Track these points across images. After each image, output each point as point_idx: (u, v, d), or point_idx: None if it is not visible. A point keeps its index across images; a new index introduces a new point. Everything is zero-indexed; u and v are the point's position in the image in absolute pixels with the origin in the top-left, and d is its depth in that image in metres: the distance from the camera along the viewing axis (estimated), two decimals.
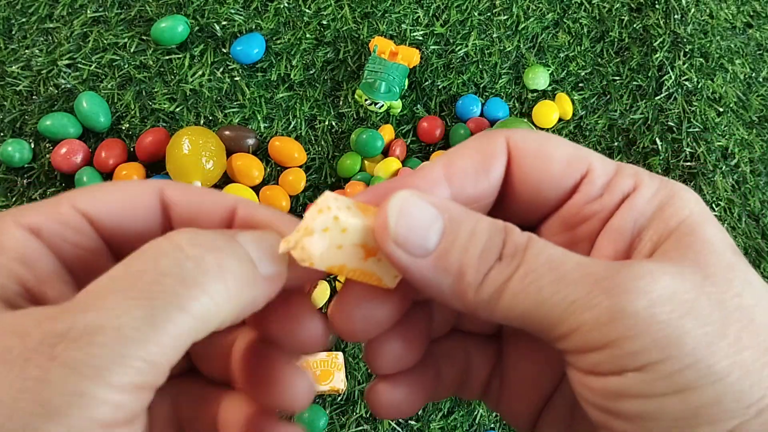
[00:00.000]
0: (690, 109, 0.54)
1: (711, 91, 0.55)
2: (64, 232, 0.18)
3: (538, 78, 0.53)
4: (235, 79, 0.52)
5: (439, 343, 0.23)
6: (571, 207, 0.20)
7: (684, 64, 0.55)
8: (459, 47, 0.54)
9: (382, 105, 0.50)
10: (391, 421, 0.45)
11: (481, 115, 0.52)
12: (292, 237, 0.18)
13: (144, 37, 0.52)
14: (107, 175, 0.48)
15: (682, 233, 0.18)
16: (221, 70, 0.52)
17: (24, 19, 0.52)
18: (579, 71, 0.55)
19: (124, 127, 0.50)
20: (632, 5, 0.57)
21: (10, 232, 0.17)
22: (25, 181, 0.49)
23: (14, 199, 0.48)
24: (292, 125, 0.51)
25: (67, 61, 0.51)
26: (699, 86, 0.55)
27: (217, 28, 0.53)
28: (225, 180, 0.49)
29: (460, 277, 0.18)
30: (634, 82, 0.55)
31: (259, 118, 0.51)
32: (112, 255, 0.19)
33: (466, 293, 0.18)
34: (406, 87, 0.52)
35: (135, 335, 0.15)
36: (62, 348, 0.14)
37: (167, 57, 0.52)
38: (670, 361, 0.16)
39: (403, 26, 0.54)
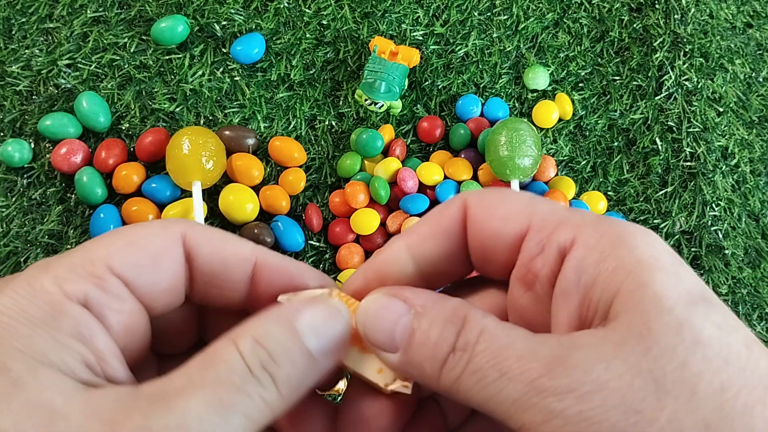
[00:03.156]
0: (690, 109, 0.54)
1: (711, 91, 0.55)
2: (108, 302, 0.19)
3: (538, 78, 0.53)
4: (235, 79, 0.52)
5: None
6: (520, 266, 0.20)
7: (684, 64, 0.55)
8: (459, 47, 0.54)
9: (382, 105, 0.50)
10: None
11: (481, 115, 0.52)
12: None
13: (144, 37, 0.52)
14: (107, 175, 0.48)
15: (629, 290, 0.17)
16: (221, 70, 0.52)
17: (24, 19, 0.52)
18: (579, 71, 0.55)
19: (124, 127, 0.50)
20: (632, 5, 0.57)
21: (65, 307, 0.17)
22: (25, 181, 0.49)
23: (14, 199, 0.48)
24: (292, 125, 0.51)
25: (67, 61, 0.51)
26: (699, 86, 0.55)
27: (217, 28, 0.53)
28: (225, 180, 0.49)
29: (422, 370, 0.19)
30: (634, 82, 0.55)
31: (259, 118, 0.51)
32: (145, 311, 0.20)
33: (431, 384, 0.19)
34: (406, 87, 0.52)
35: None
36: None
37: (167, 57, 0.52)
38: None
39: (403, 26, 0.54)
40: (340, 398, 0.45)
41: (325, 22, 0.54)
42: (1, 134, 0.49)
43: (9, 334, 0.16)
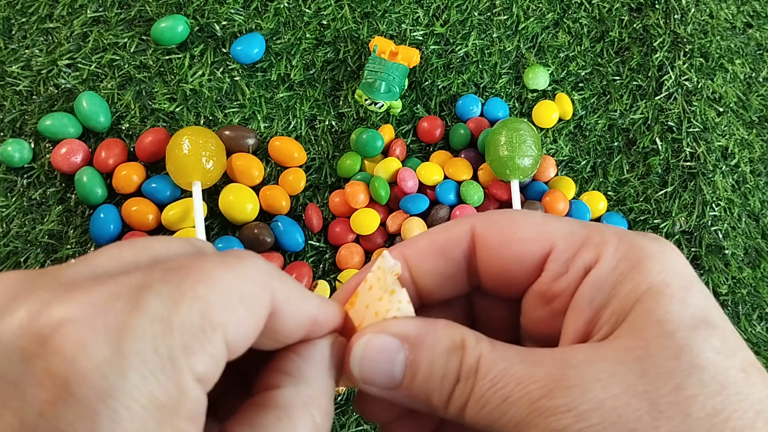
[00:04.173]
0: (690, 109, 0.54)
1: (711, 91, 0.55)
2: (217, 374, 0.17)
3: (538, 78, 0.53)
4: (235, 79, 0.52)
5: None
6: (541, 284, 0.21)
7: (684, 64, 0.55)
8: (459, 47, 0.54)
9: (382, 105, 0.50)
10: None
11: (481, 115, 0.52)
12: None
13: (144, 37, 0.52)
14: (107, 175, 0.48)
15: (636, 315, 0.18)
16: (221, 70, 0.52)
17: (24, 19, 0.52)
18: (579, 71, 0.55)
19: (124, 127, 0.50)
20: (632, 5, 0.57)
21: (187, 388, 0.16)
22: (25, 181, 0.49)
23: (14, 199, 0.48)
24: (292, 125, 0.51)
25: (67, 61, 0.51)
26: (699, 86, 0.55)
27: (217, 28, 0.53)
28: (225, 180, 0.49)
29: (429, 401, 0.19)
30: (634, 82, 0.55)
31: (259, 118, 0.51)
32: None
33: (438, 412, 0.19)
34: (406, 87, 0.52)
35: None
36: None
37: (167, 57, 0.52)
38: None
39: (403, 26, 0.54)
40: (340, 397, 0.45)
41: (325, 22, 0.54)
42: (1, 134, 0.49)
43: (131, 425, 0.15)
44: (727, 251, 0.51)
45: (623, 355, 0.17)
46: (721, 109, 0.55)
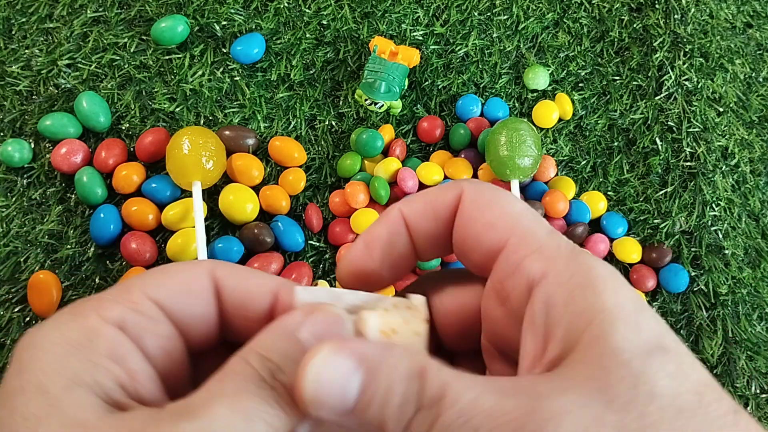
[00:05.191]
0: (690, 109, 0.54)
1: (711, 91, 0.55)
2: (143, 323, 0.20)
3: (538, 78, 0.53)
4: (235, 79, 0.52)
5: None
6: (494, 279, 0.21)
7: (684, 64, 0.55)
8: (459, 47, 0.54)
9: (382, 105, 0.50)
10: None
11: (481, 114, 0.52)
12: None
13: (144, 37, 0.52)
14: (107, 175, 0.48)
15: (591, 338, 0.18)
16: (221, 70, 0.52)
17: (24, 19, 0.52)
18: (579, 71, 0.55)
19: (124, 127, 0.50)
20: (632, 5, 0.57)
21: (101, 329, 0.18)
22: (25, 181, 0.49)
23: (14, 199, 0.48)
24: (292, 125, 0.51)
25: (67, 61, 0.51)
26: (699, 86, 0.55)
27: (217, 28, 0.53)
28: (225, 180, 0.49)
29: (383, 428, 0.18)
30: (634, 82, 0.55)
31: (259, 118, 0.51)
32: (180, 335, 0.21)
33: None
34: (406, 87, 0.52)
35: None
36: None
37: (167, 57, 0.52)
38: None
39: (403, 26, 0.54)
40: None
41: (325, 22, 0.54)
42: (1, 134, 0.49)
43: (48, 357, 0.17)
44: (727, 251, 0.51)
45: (587, 386, 0.18)
46: (721, 109, 0.55)
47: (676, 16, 0.56)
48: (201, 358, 0.22)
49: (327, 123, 0.52)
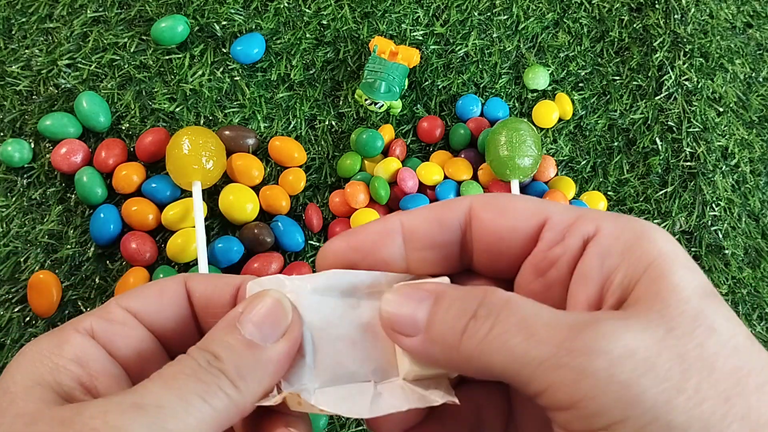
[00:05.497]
0: (690, 109, 0.54)
1: (711, 91, 0.55)
2: (114, 329, 0.22)
3: (538, 78, 0.53)
4: (235, 79, 0.52)
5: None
6: (537, 253, 0.22)
7: (684, 64, 0.55)
8: (459, 47, 0.54)
9: (382, 105, 0.50)
10: None
11: (481, 114, 0.52)
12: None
13: (144, 37, 0.52)
14: (107, 175, 0.48)
15: (650, 279, 0.19)
16: (221, 70, 0.52)
17: (24, 19, 0.52)
18: (579, 71, 0.55)
19: (124, 127, 0.50)
20: (632, 5, 0.57)
21: (70, 337, 0.21)
22: (25, 181, 0.49)
23: (14, 199, 0.48)
24: (292, 125, 0.51)
25: (67, 61, 0.51)
26: (699, 86, 0.55)
27: (217, 28, 0.53)
28: (225, 180, 0.49)
29: (444, 342, 0.20)
30: (634, 82, 0.55)
31: (259, 118, 0.51)
32: (156, 339, 0.23)
33: (452, 356, 0.20)
34: (406, 87, 0.52)
35: (172, 413, 0.18)
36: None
37: (167, 57, 0.52)
38: (630, 420, 0.17)
39: (403, 26, 0.54)
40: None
41: (325, 22, 0.54)
42: (1, 134, 0.49)
43: (19, 365, 0.20)
44: (727, 251, 0.51)
45: (648, 316, 0.18)
46: (721, 109, 0.55)
47: (676, 16, 0.56)
48: None
49: (327, 123, 0.52)
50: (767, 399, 0.17)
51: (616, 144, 0.53)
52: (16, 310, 0.45)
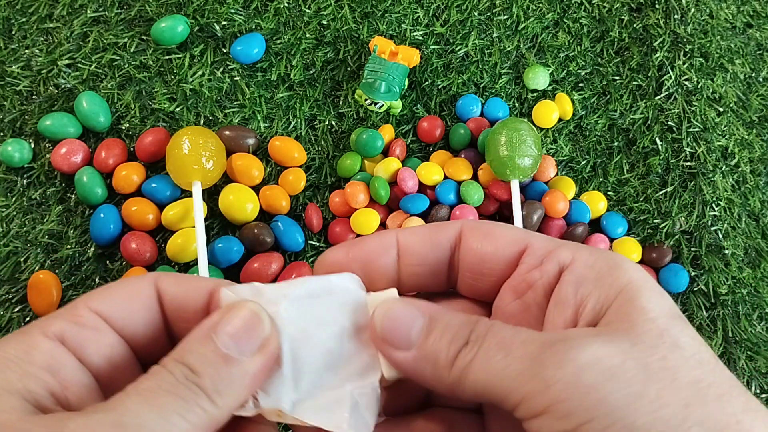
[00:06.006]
0: (690, 109, 0.54)
1: (711, 91, 0.55)
2: (84, 334, 0.21)
3: (538, 78, 0.53)
4: (235, 79, 0.52)
5: (421, 420, 0.25)
6: (516, 276, 0.23)
7: (684, 64, 0.55)
8: (459, 47, 0.54)
9: (382, 105, 0.50)
10: None
11: (481, 114, 0.52)
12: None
13: (144, 37, 0.52)
14: (107, 175, 0.48)
15: (620, 303, 0.20)
16: (221, 70, 0.52)
17: (24, 19, 0.52)
18: (579, 71, 0.55)
19: (124, 127, 0.50)
20: (632, 5, 0.57)
21: (39, 343, 0.20)
22: (25, 181, 0.49)
23: (14, 199, 0.48)
24: (292, 125, 0.51)
25: (67, 61, 0.51)
26: (699, 86, 0.55)
27: (217, 28, 0.53)
28: (225, 180, 0.49)
29: (436, 361, 0.21)
30: (634, 82, 0.55)
31: (259, 118, 0.51)
32: (127, 344, 0.22)
33: (442, 375, 0.21)
34: (406, 87, 0.52)
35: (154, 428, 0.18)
36: None
37: (167, 57, 0.52)
38: (595, 421, 0.18)
39: (403, 26, 0.54)
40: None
41: (325, 22, 0.54)
42: (1, 134, 0.49)
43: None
44: (727, 251, 0.51)
45: (617, 331, 0.19)
46: (721, 109, 0.55)
47: (676, 16, 0.56)
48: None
49: (327, 123, 0.52)
50: (726, 408, 0.18)
51: (616, 144, 0.53)
52: (16, 310, 0.45)
